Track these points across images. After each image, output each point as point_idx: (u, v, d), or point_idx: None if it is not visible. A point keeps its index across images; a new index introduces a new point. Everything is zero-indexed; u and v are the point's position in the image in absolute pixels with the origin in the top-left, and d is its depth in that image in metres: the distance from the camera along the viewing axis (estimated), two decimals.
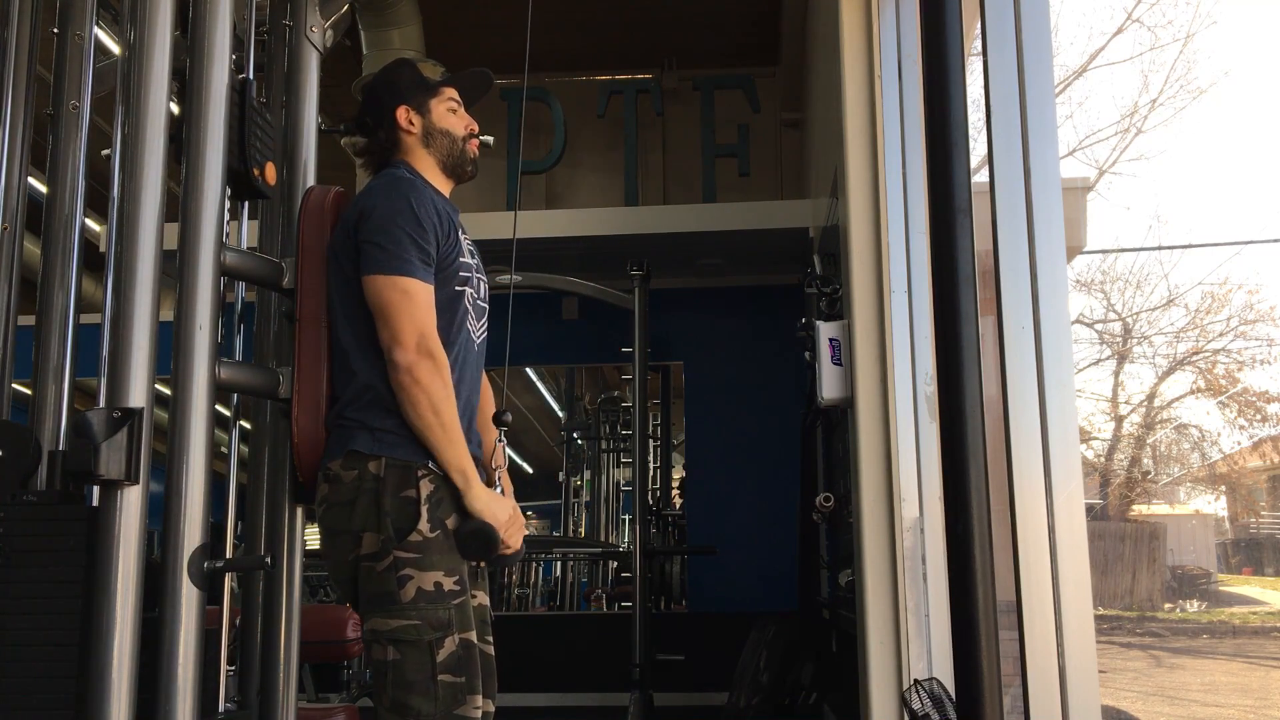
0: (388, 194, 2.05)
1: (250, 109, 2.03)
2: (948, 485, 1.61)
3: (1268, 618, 14.23)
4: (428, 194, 2.09)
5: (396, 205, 2.03)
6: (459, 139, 2.21)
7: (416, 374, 1.95)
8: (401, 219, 2.01)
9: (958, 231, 1.63)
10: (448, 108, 2.22)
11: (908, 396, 2.70)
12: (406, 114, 2.19)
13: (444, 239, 2.06)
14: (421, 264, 2.00)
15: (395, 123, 2.19)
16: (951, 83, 1.66)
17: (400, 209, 2.02)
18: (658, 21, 5.43)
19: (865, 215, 2.81)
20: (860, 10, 2.88)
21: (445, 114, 2.22)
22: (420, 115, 2.20)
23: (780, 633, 4.39)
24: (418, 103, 2.20)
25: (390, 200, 2.04)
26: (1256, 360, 17.66)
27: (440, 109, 2.21)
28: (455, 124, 2.22)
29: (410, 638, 1.89)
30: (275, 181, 2.14)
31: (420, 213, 2.02)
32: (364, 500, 1.95)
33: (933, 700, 2.21)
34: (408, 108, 2.19)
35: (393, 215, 2.01)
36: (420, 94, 2.21)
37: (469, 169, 2.23)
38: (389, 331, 1.97)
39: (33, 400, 2.35)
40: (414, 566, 1.91)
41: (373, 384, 2.00)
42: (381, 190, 2.07)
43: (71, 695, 1.75)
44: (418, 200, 2.04)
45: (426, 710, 1.88)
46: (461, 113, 2.25)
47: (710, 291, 5.64)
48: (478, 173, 2.27)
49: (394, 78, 2.24)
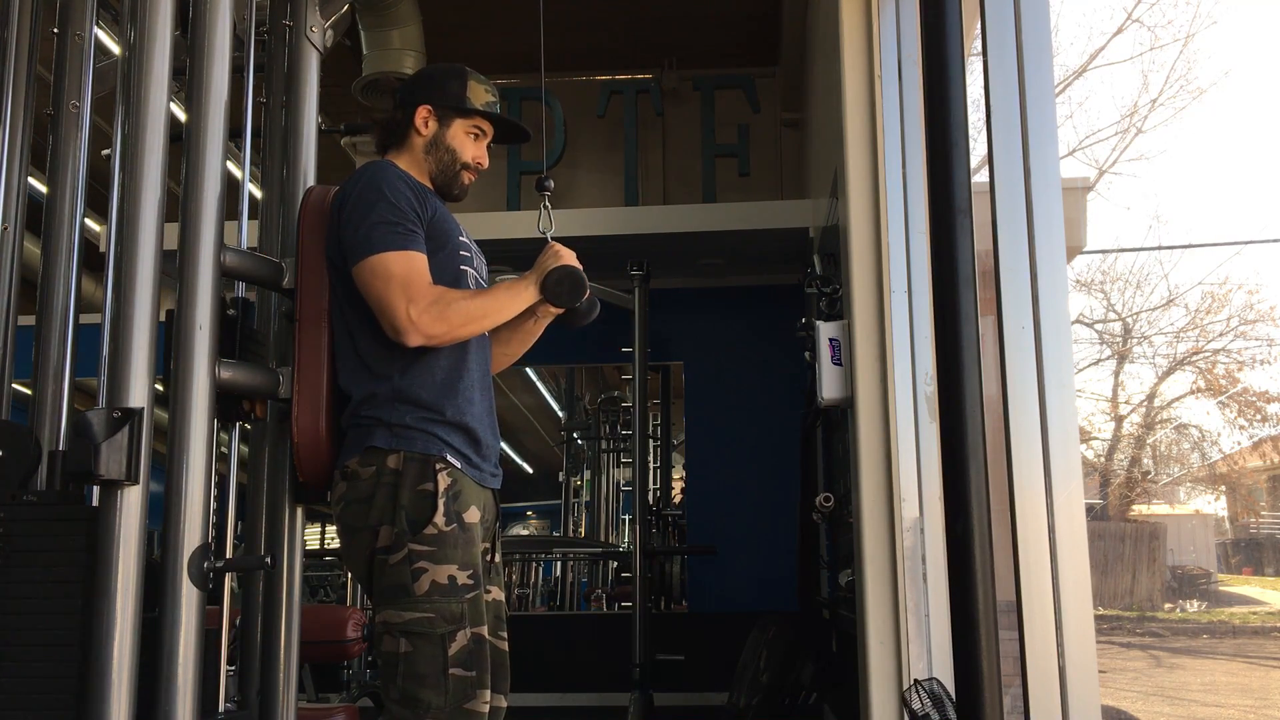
0: (357, 183, 2.07)
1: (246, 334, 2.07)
2: (948, 485, 1.61)
3: (1268, 618, 14.23)
4: (395, 172, 2.11)
5: (364, 191, 2.04)
6: (459, 160, 2.21)
7: (430, 331, 1.97)
8: (370, 201, 2.03)
9: (958, 231, 1.63)
10: (469, 132, 2.22)
11: (908, 396, 2.70)
12: (426, 115, 2.19)
13: (424, 207, 2.08)
14: (396, 235, 2.00)
15: (413, 116, 2.19)
16: (951, 83, 1.66)
17: (368, 193, 2.04)
18: (658, 21, 5.43)
19: (865, 215, 2.81)
20: (860, 10, 2.88)
21: (462, 135, 2.21)
22: (439, 124, 2.20)
23: (780, 633, 4.39)
24: (443, 113, 2.20)
25: (359, 188, 2.05)
26: (1256, 360, 17.66)
27: (460, 130, 2.21)
28: (465, 147, 2.22)
29: (423, 630, 1.89)
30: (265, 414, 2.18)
31: (388, 189, 2.04)
32: (381, 495, 1.96)
33: (933, 700, 2.21)
34: (431, 111, 2.19)
35: (361, 201, 2.03)
36: (452, 109, 2.20)
37: (456, 192, 2.23)
38: (384, 321, 1.99)
39: (33, 400, 2.35)
40: (429, 559, 1.91)
41: (388, 377, 2.01)
42: (352, 183, 2.09)
43: (71, 695, 1.75)
44: (386, 179, 2.06)
45: (436, 703, 1.88)
46: (480, 144, 2.24)
47: (710, 291, 5.64)
48: (464, 198, 2.26)
49: (441, 80, 2.23)
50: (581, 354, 6.04)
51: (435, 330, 1.98)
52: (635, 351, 4.91)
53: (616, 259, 4.86)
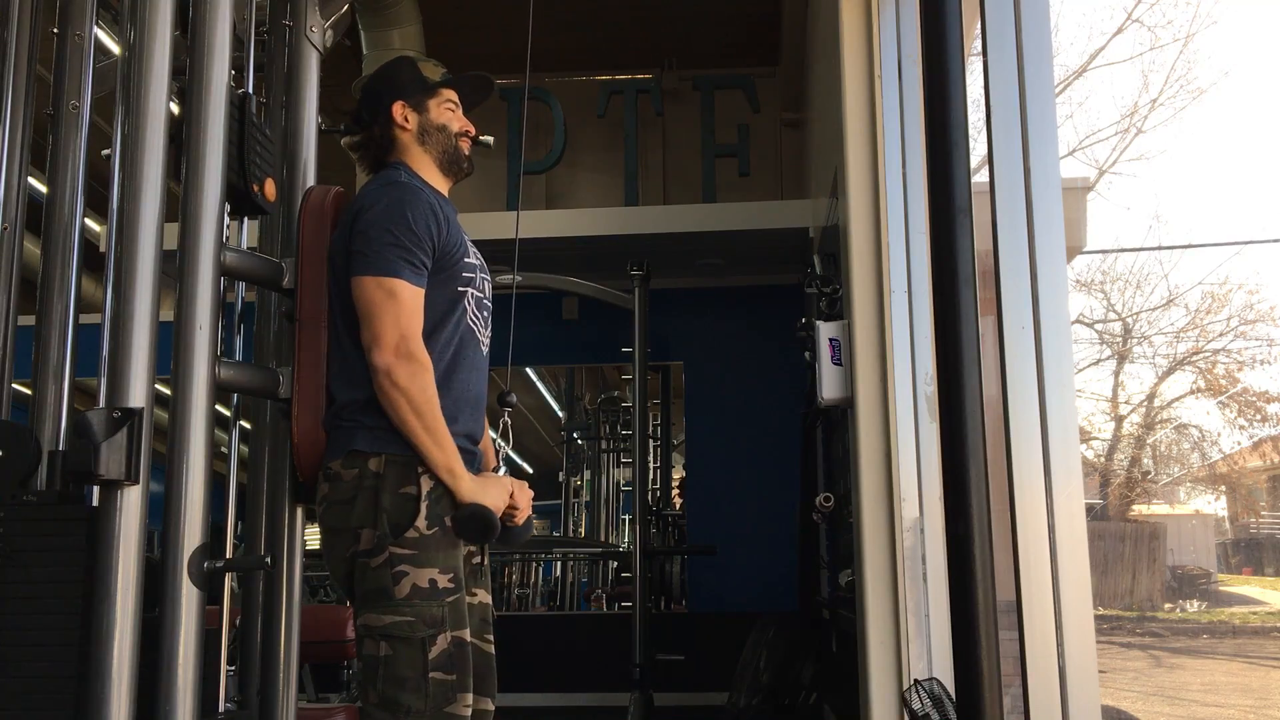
0: (382, 197, 2.04)
1: (250, 124, 2.03)
2: (948, 485, 1.62)
3: (1268, 618, 14.23)
4: (424, 196, 2.08)
5: (390, 209, 2.01)
6: (452, 133, 2.20)
7: (395, 377, 1.94)
8: (393, 222, 2.00)
9: (958, 231, 1.63)
10: (445, 107, 2.22)
11: (908, 396, 2.70)
12: (402, 110, 2.18)
13: (444, 239, 2.05)
14: (410, 266, 1.99)
15: (391, 119, 2.18)
16: (951, 83, 1.66)
17: (393, 212, 2.01)
18: (658, 21, 5.43)
19: (865, 215, 2.81)
20: (860, 10, 2.88)
21: (442, 111, 2.21)
22: (416, 113, 2.19)
23: (780, 633, 4.40)
24: (415, 100, 2.19)
25: (384, 203, 2.03)
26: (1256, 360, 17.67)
27: (437, 108, 2.20)
28: (451, 120, 2.21)
29: (403, 634, 1.89)
30: (275, 198, 2.14)
31: (414, 215, 2.01)
32: (363, 497, 1.95)
33: (933, 700, 2.21)
34: (404, 104, 2.18)
35: (385, 218, 2.00)
36: (418, 92, 2.20)
37: (465, 165, 2.22)
38: (370, 332, 1.96)
39: (33, 400, 2.35)
40: (409, 563, 1.91)
41: (370, 383, 2.00)
42: (376, 193, 2.06)
43: (71, 695, 1.75)
44: (413, 203, 2.03)
45: (416, 707, 1.87)
46: (459, 114, 2.24)
47: (710, 291, 5.64)
48: (474, 169, 2.26)
49: (393, 74, 2.23)
50: (581, 354, 6.04)
51: (399, 380, 1.93)
52: (635, 351, 4.91)
53: (616, 259, 4.86)
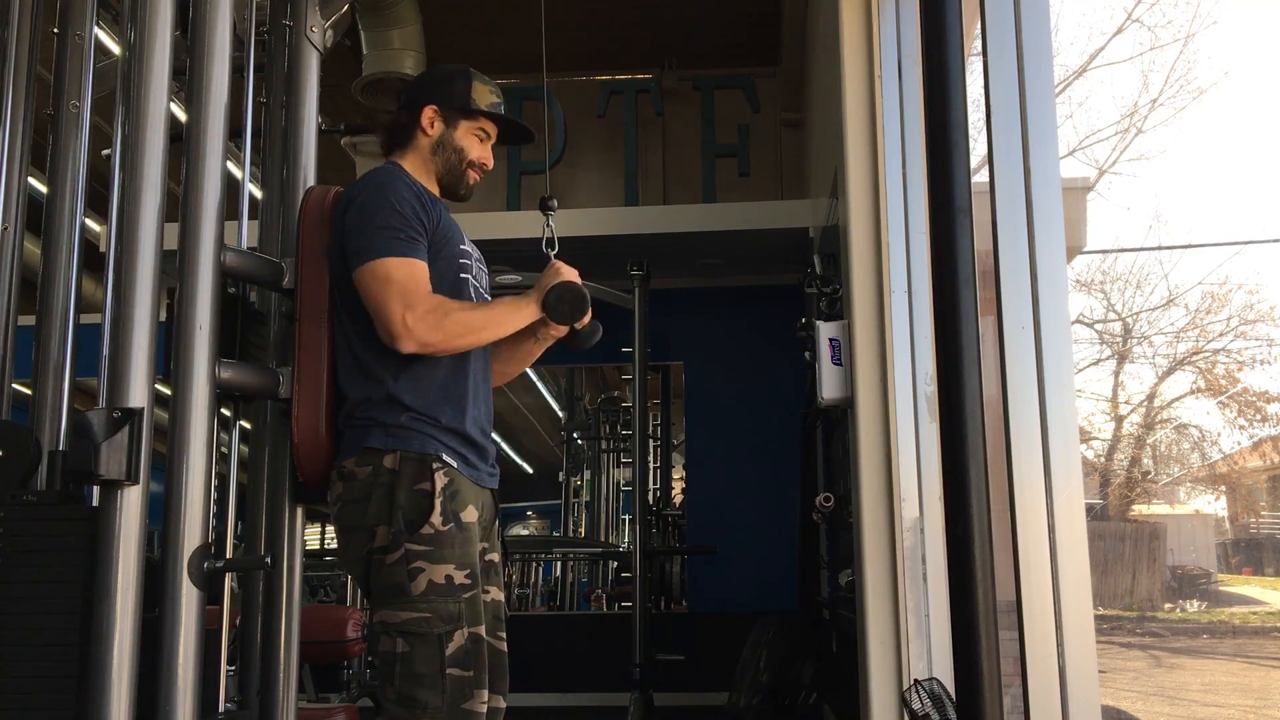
0: (362, 190, 2.07)
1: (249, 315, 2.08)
2: (948, 485, 1.62)
3: (1268, 618, 14.23)
4: (403, 178, 2.11)
5: (370, 197, 2.04)
6: (465, 160, 2.21)
7: (424, 338, 1.96)
8: (376, 207, 2.02)
9: (958, 231, 1.63)
10: (475, 133, 2.22)
11: (908, 396, 2.70)
12: (433, 116, 2.19)
13: (431, 217, 2.07)
14: (398, 242, 2.00)
15: (418, 116, 2.19)
16: (951, 83, 1.66)
17: (374, 198, 2.04)
18: (658, 21, 5.43)
19: (865, 215, 2.81)
20: (860, 10, 2.88)
21: (468, 136, 2.21)
22: (444, 125, 2.20)
23: (780, 633, 4.40)
24: (449, 114, 2.20)
25: (364, 195, 2.06)
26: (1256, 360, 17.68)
27: (466, 131, 2.21)
28: (471, 147, 2.21)
29: (420, 630, 1.89)
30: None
31: (394, 197, 2.04)
32: (378, 494, 1.95)
33: (933, 700, 2.21)
34: (437, 112, 2.19)
35: (367, 206, 2.03)
36: (456, 108, 2.20)
37: (463, 192, 2.23)
38: (380, 325, 1.98)
39: (33, 400, 2.35)
40: (425, 559, 1.91)
41: (383, 380, 2.01)
42: (356, 188, 2.09)
43: (71, 695, 1.75)
44: (390, 185, 2.06)
45: (434, 703, 1.87)
46: (486, 146, 2.24)
47: (710, 291, 5.64)
48: (470, 198, 2.26)
49: (446, 79, 2.23)
50: (581, 354, 6.04)
51: (430, 338, 1.97)
52: (635, 351, 4.91)
53: (616, 259, 4.86)
